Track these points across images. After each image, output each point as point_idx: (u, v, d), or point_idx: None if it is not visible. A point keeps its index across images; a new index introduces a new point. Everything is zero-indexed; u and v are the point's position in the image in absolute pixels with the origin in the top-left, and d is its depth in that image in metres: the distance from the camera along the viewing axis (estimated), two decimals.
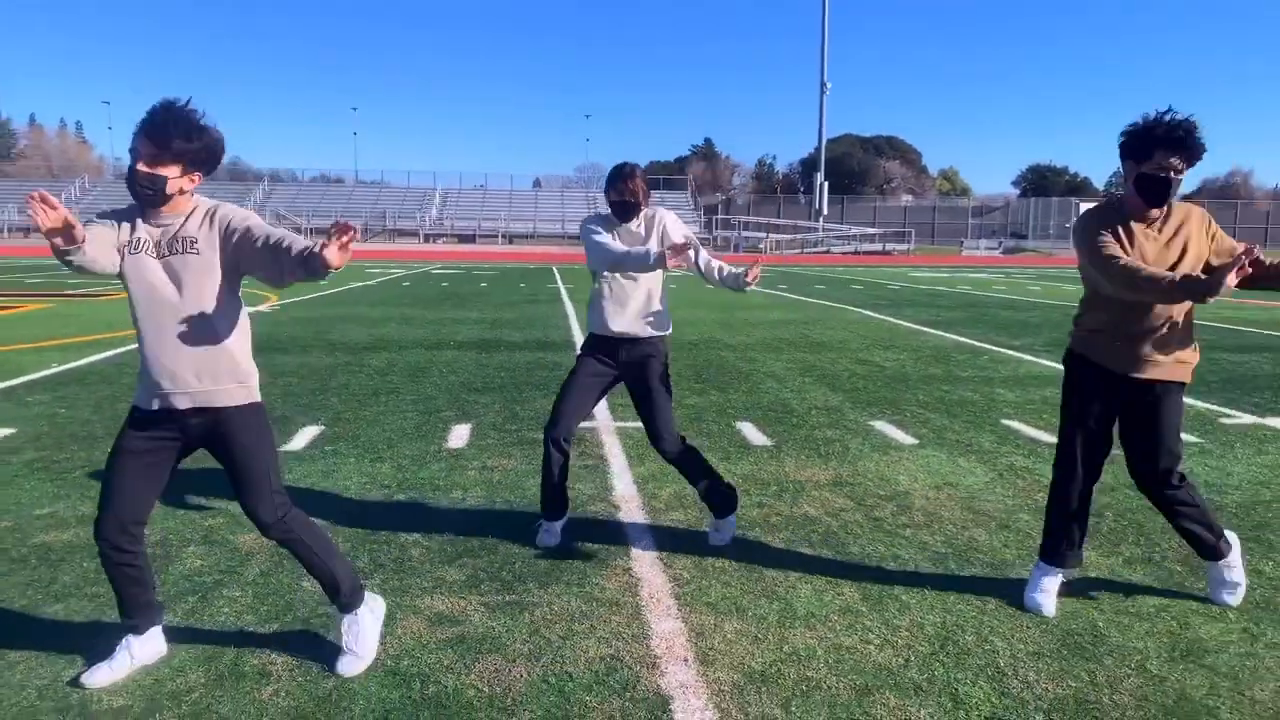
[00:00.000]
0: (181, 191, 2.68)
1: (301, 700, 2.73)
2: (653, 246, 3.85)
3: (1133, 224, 3.29)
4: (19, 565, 3.76)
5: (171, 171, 2.62)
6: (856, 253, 60.74)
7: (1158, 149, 3.12)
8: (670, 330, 4.08)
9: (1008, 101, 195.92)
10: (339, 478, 5.12)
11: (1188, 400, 7.56)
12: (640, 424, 4.11)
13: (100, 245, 2.60)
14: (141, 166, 2.58)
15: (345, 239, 2.47)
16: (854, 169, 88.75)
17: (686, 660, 3.01)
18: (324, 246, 2.48)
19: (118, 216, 2.74)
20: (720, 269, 4.11)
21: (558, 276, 27.73)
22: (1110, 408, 3.45)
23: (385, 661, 2.97)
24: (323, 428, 6.36)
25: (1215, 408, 7.40)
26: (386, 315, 14.65)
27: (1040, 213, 74.63)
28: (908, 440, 6.19)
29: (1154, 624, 3.33)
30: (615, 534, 4.25)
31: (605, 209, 4.06)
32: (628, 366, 4.04)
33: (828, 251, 60.92)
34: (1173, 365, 3.39)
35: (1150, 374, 3.36)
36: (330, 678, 2.86)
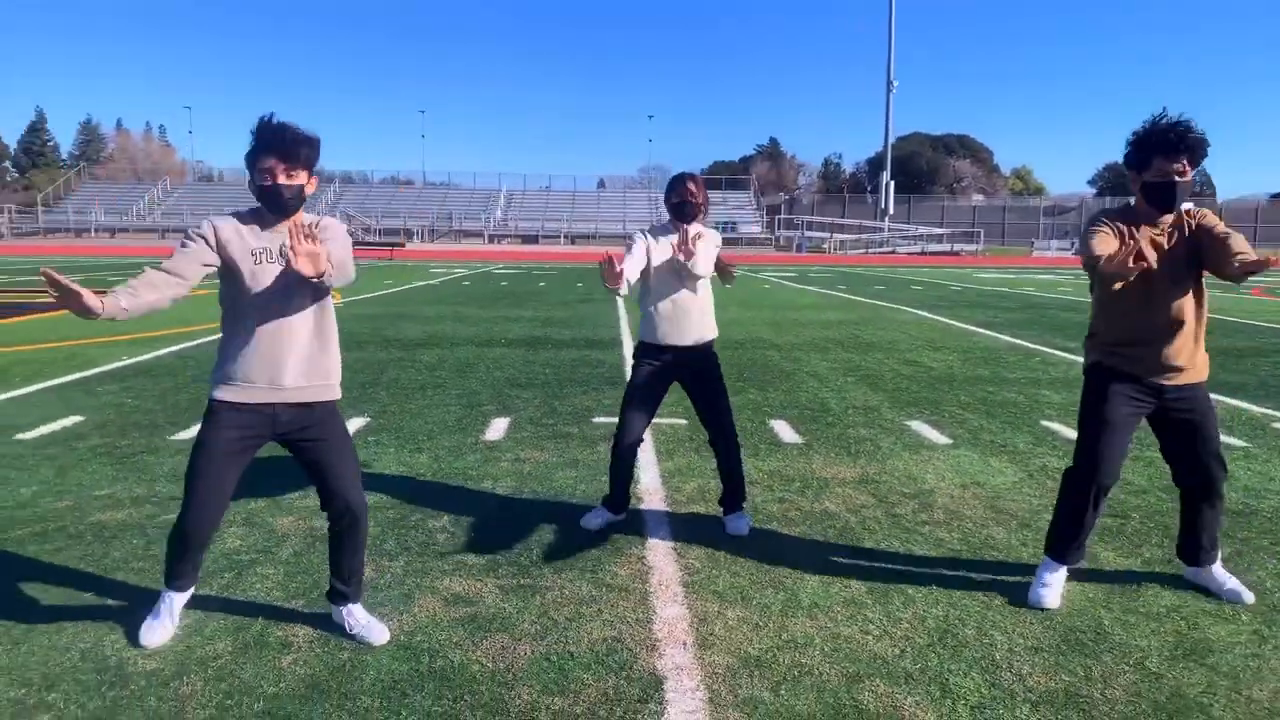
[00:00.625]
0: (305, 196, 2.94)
1: (318, 669, 2.91)
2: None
3: (1143, 228, 3.30)
4: (75, 540, 4.04)
5: (303, 178, 2.88)
6: (923, 253, 59.70)
7: (1155, 156, 3.15)
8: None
9: (1085, 98, 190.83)
10: (378, 467, 5.34)
11: (1240, 404, 7.38)
12: (671, 420, 4.22)
13: (163, 288, 2.75)
14: (283, 180, 2.82)
15: (298, 240, 2.63)
16: (923, 168, 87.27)
17: (685, 644, 3.11)
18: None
19: (234, 222, 2.89)
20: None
21: None
22: (1136, 416, 3.46)
23: (399, 637, 3.14)
24: (368, 419, 6.61)
25: (1270, 412, 7.18)
26: (442, 313, 15.01)
27: None
28: (941, 440, 6.17)
29: (1161, 624, 3.31)
30: (634, 524, 4.36)
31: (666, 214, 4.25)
32: (687, 371, 4.24)
33: (893, 252, 60.05)
34: (1199, 367, 3.42)
35: (1181, 379, 3.38)
36: (346, 650, 3.04)
